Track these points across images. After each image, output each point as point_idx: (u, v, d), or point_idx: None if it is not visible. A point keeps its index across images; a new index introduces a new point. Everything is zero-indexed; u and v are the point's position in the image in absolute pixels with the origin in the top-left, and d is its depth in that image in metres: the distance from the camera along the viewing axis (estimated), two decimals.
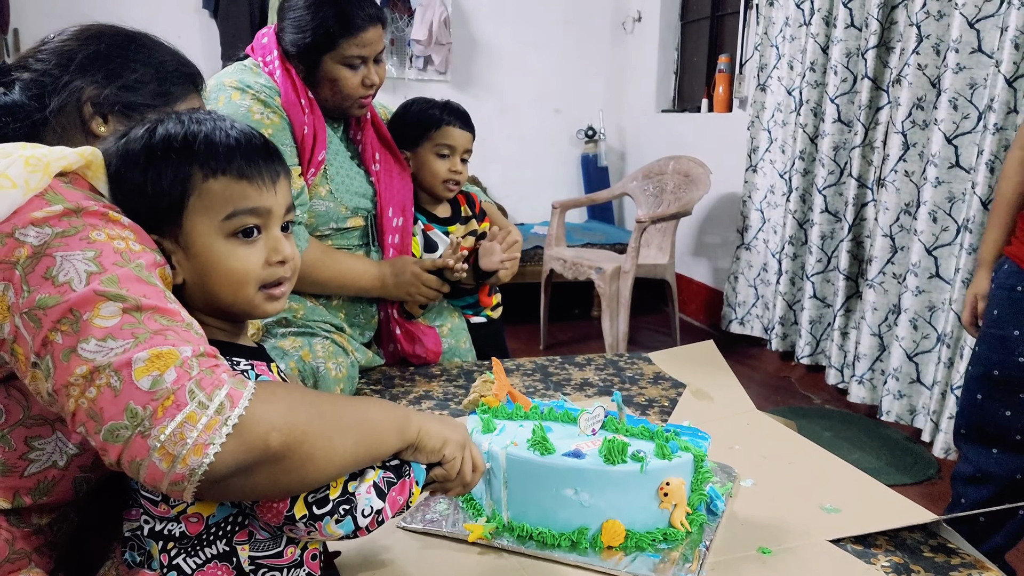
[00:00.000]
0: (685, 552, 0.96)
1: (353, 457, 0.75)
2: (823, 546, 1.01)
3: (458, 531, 1.01)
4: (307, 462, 0.69)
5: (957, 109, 2.52)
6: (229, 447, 0.65)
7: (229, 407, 0.66)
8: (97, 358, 0.65)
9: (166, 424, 0.64)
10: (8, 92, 0.87)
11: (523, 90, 4.91)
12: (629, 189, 4.16)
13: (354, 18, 1.51)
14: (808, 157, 3.31)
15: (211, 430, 0.64)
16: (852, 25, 3.05)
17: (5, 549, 0.76)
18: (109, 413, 0.64)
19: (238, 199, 0.77)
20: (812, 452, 1.32)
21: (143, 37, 0.94)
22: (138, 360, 0.65)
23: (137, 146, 0.77)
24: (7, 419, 0.74)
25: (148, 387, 0.64)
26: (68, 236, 0.69)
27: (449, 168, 1.73)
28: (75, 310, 0.66)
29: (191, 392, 0.65)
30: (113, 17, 0.96)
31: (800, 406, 3.11)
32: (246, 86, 1.51)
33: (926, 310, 2.65)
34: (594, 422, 1.07)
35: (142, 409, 0.64)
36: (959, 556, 1.00)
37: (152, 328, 0.67)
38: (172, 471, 0.64)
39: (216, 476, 0.65)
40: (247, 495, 0.71)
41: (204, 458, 0.64)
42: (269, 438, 0.66)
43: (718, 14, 4.41)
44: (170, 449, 0.64)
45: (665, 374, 1.69)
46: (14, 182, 0.70)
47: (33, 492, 0.77)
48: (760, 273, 3.68)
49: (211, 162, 0.76)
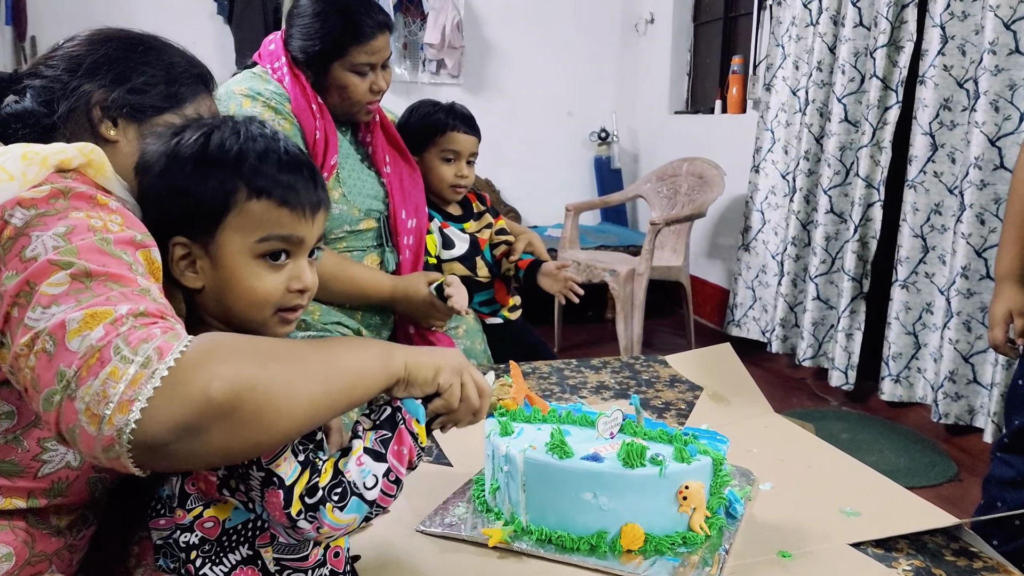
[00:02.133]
0: (705, 556, 0.96)
1: (327, 400, 0.68)
2: (843, 550, 1.00)
3: (477, 535, 1.01)
4: (266, 411, 0.62)
5: (999, 111, 2.50)
6: (160, 403, 0.59)
7: (157, 359, 0.60)
8: (38, 325, 0.63)
9: (90, 383, 0.59)
10: (20, 100, 0.88)
11: (535, 93, 4.91)
12: (642, 191, 4.15)
13: (363, 26, 1.52)
14: (813, 157, 3.29)
15: (136, 384, 0.59)
16: (861, 24, 3.04)
17: (25, 552, 0.77)
18: (44, 379, 0.61)
19: (274, 224, 0.78)
20: (830, 455, 1.31)
21: (151, 39, 0.94)
22: (72, 322, 0.62)
23: (190, 149, 0.78)
24: (19, 421, 0.75)
25: (76, 347, 0.61)
26: (48, 216, 0.69)
27: (455, 173, 1.74)
28: (30, 281, 0.65)
29: (116, 348, 0.60)
30: (128, 24, 0.96)
31: (817, 408, 3.09)
32: (256, 93, 1.52)
33: (978, 311, 2.63)
34: (612, 425, 1.07)
35: (69, 370, 0.60)
36: (981, 560, 0.99)
37: (97, 292, 0.64)
38: (101, 434, 0.59)
39: (152, 438, 0.59)
40: (206, 460, 0.64)
41: (130, 415, 0.58)
42: (210, 388, 0.60)
43: (731, 15, 4.39)
44: (94, 409, 0.59)
45: (682, 377, 1.68)
46: (11, 175, 0.70)
47: (48, 493, 0.77)
48: (759, 275, 3.65)
49: (258, 182, 0.77)
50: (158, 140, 0.81)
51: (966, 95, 2.69)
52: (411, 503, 1.09)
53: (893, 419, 2.93)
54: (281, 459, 0.72)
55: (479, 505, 1.08)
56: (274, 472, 0.71)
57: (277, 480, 0.71)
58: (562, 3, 4.88)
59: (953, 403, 2.67)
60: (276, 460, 0.72)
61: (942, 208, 2.79)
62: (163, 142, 0.80)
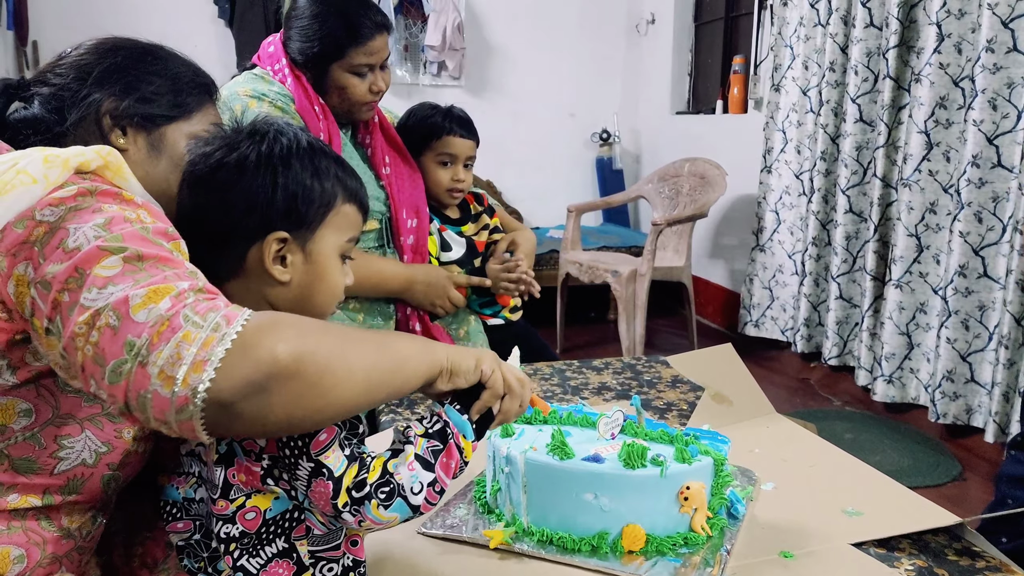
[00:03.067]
0: (706, 556, 0.96)
1: (378, 376, 0.72)
2: (846, 550, 1.00)
3: (478, 536, 1.01)
4: (325, 376, 0.66)
5: (996, 109, 2.50)
6: (232, 362, 0.62)
7: (225, 325, 0.64)
8: (97, 303, 0.65)
9: (162, 349, 0.62)
10: (28, 106, 0.89)
11: (537, 94, 4.91)
12: (644, 192, 4.15)
13: (361, 27, 1.52)
14: (830, 157, 3.29)
15: (208, 346, 0.62)
16: (872, 24, 3.04)
17: (37, 553, 0.77)
18: (110, 352, 0.64)
19: (357, 227, 0.89)
20: (833, 455, 1.31)
21: (158, 49, 0.96)
22: (135, 297, 0.65)
23: (298, 151, 0.85)
24: (37, 418, 0.75)
25: (144, 319, 0.64)
26: (81, 210, 0.71)
27: (452, 177, 1.73)
28: (79, 267, 0.67)
29: (185, 316, 0.64)
30: (130, 28, 0.98)
31: (820, 408, 3.08)
32: (261, 94, 1.53)
33: (976, 310, 2.62)
34: (613, 426, 1.07)
35: (139, 339, 0.63)
36: (984, 559, 0.99)
37: (151, 272, 0.67)
38: (175, 395, 0.62)
39: (223, 397, 0.62)
40: (269, 423, 0.66)
41: (204, 374, 0.61)
42: (276, 350, 0.63)
43: (732, 15, 4.39)
44: (168, 371, 0.62)
45: (683, 377, 1.68)
46: (34, 178, 0.72)
47: (63, 490, 0.78)
48: (776, 275, 3.65)
49: (350, 187, 0.88)
50: (216, 141, 0.86)
51: (962, 93, 2.68)
52: None
53: (896, 419, 2.93)
54: (329, 451, 0.75)
55: (480, 506, 1.08)
56: (323, 463, 0.74)
57: (327, 471, 0.74)
58: (563, 4, 4.88)
59: (951, 403, 2.67)
60: (325, 451, 0.75)
61: (937, 207, 2.79)
62: (232, 143, 0.85)
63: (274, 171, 0.83)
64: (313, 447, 0.74)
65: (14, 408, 0.74)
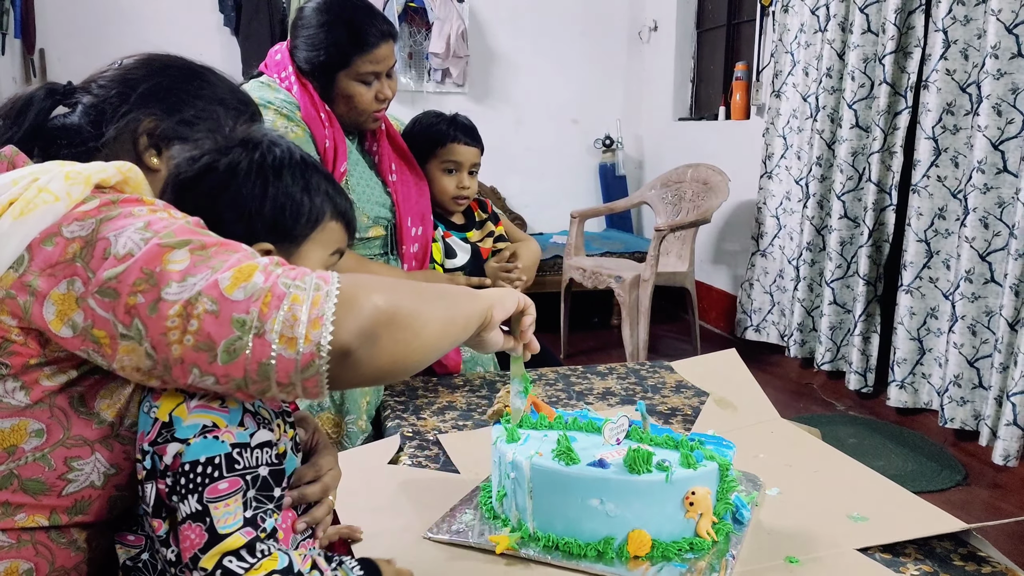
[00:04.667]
0: (712, 562, 0.96)
1: (449, 315, 0.78)
2: (851, 555, 1.00)
3: (484, 542, 1.01)
4: (415, 318, 0.72)
5: (1001, 115, 2.50)
6: (342, 315, 0.67)
7: (324, 283, 0.69)
8: (184, 295, 0.67)
9: (275, 316, 0.66)
10: (70, 113, 0.89)
11: (540, 101, 4.93)
12: (647, 198, 4.16)
13: (367, 36, 1.53)
14: (825, 163, 3.30)
15: (318, 304, 0.67)
16: (869, 30, 3.05)
17: (45, 567, 0.77)
18: (218, 334, 0.66)
19: (342, 242, 0.91)
20: (837, 460, 1.31)
21: (207, 73, 0.96)
22: (224, 280, 0.67)
23: (281, 162, 0.86)
24: (48, 439, 0.75)
25: (243, 296, 0.67)
26: (112, 219, 0.72)
27: (457, 184, 1.74)
28: (145, 268, 0.68)
29: (284, 284, 0.68)
30: (136, 36, 0.99)
31: (823, 413, 3.08)
32: (267, 102, 1.54)
33: (983, 315, 2.62)
34: (618, 432, 1.07)
35: (247, 314, 0.66)
36: (990, 565, 0.99)
37: (223, 258, 0.70)
38: (300, 353, 0.66)
39: (343, 346, 0.67)
40: (379, 367, 0.70)
41: (323, 329, 0.66)
42: (374, 300, 0.69)
43: (734, 22, 4.41)
44: (288, 333, 0.66)
45: (687, 383, 1.68)
46: (56, 195, 0.72)
47: (70, 511, 0.78)
48: (776, 280, 3.66)
49: (339, 206, 0.89)
50: (205, 146, 0.86)
51: (969, 99, 2.69)
52: (419, 510, 1.10)
53: (900, 424, 2.92)
54: (227, 502, 0.70)
55: (486, 512, 1.08)
56: (210, 512, 0.70)
57: (209, 521, 0.70)
58: (566, 12, 4.90)
59: (959, 408, 2.66)
60: (220, 501, 0.70)
61: (946, 212, 2.79)
62: (223, 149, 0.85)
63: (265, 181, 0.83)
64: (208, 492, 0.70)
65: (26, 428, 0.74)
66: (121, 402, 0.78)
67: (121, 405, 0.78)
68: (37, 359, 0.73)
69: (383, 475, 1.24)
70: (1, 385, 0.73)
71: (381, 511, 1.11)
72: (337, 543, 0.96)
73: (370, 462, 1.28)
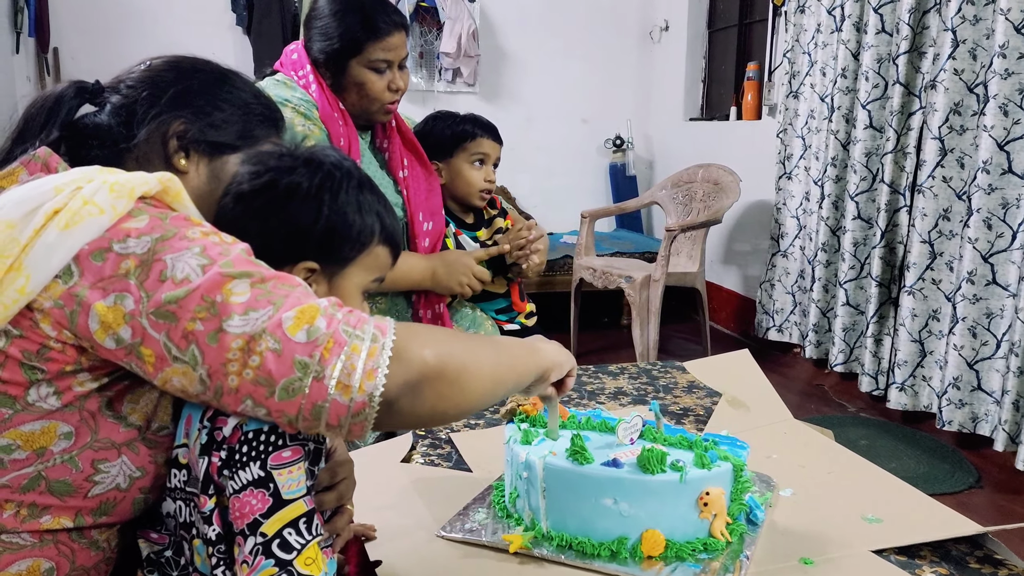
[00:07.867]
0: (726, 562, 0.96)
1: (501, 372, 0.82)
2: (866, 557, 0.99)
3: (497, 540, 1.02)
4: (463, 374, 0.75)
5: (1008, 115, 2.49)
6: (394, 368, 0.71)
7: (381, 335, 0.72)
8: (247, 329, 0.70)
9: (335, 363, 0.69)
10: (99, 113, 0.89)
11: (551, 100, 4.92)
12: (658, 198, 4.15)
13: (379, 23, 1.56)
14: (840, 163, 3.28)
15: (374, 356, 0.71)
16: (883, 31, 3.03)
17: (67, 566, 0.78)
18: (279, 372, 0.69)
19: (385, 268, 0.93)
20: (850, 461, 1.31)
21: (235, 77, 0.97)
22: (287, 320, 0.70)
23: (339, 185, 0.88)
24: (76, 441, 0.76)
25: (306, 339, 0.70)
26: (168, 239, 0.73)
27: (485, 177, 1.77)
28: (206, 296, 0.70)
29: (345, 331, 0.71)
30: (149, 35, 0.99)
31: (835, 414, 3.07)
32: (284, 100, 1.55)
33: (984, 317, 2.60)
34: (632, 431, 1.07)
35: (309, 358, 0.69)
36: (1007, 567, 0.98)
37: (282, 293, 0.72)
38: (352, 401, 0.69)
39: (391, 397, 0.71)
40: (418, 416, 0.75)
41: (377, 380, 0.70)
42: (424, 354, 0.73)
43: (746, 22, 4.39)
44: (345, 381, 0.69)
45: (700, 383, 1.68)
46: (101, 208, 0.73)
47: (95, 512, 0.79)
48: (797, 280, 3.64)
49: (387, 226, 0.92)
50: (269, 160, 0.88)
51: (976, 99, 2.67)
52: (432, 509, 1.10)
53: (911, 426, 2.91)
54: (290, 469, 0.74)
55: (499, 511, 1.09)
56: (274, 478, 0.73)
57: (272, 487, 0.73)
58: (577, 11, 4.89)
59: (957, 410, 2.65)
60: (284, 468, 0.73)
61: (950, 213, 2.77)
62: (287, 168, 0.87)
63: (320, 203, 0.85)
64: (272, 459, 0.73)
65: (55, 431, 0.75)
66: (148, 407, 0.79)
67: (148, 409, 0.79)
68: (73, 366, 0.74)
69: (396, 473, 1.24)
70: (35, 389, 0.73)
71: (394, 509, 1.11)
72: (351, 541, 0.97)
73: (383, 460, 1.28)
